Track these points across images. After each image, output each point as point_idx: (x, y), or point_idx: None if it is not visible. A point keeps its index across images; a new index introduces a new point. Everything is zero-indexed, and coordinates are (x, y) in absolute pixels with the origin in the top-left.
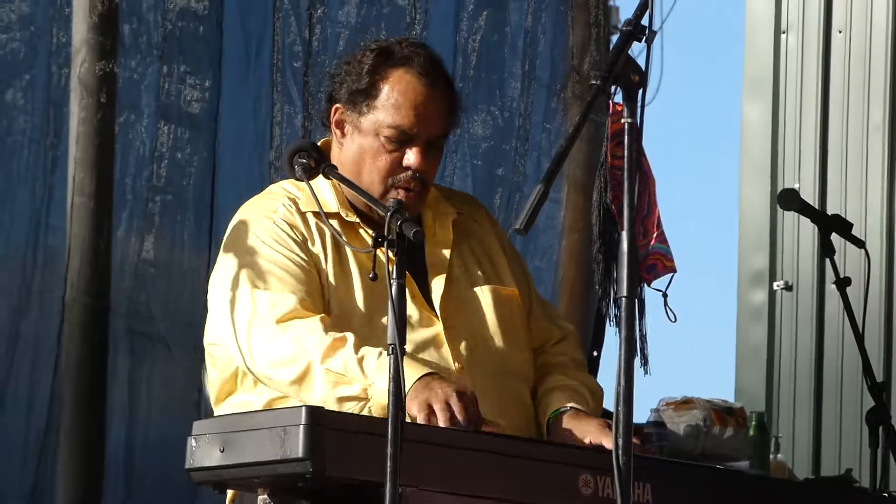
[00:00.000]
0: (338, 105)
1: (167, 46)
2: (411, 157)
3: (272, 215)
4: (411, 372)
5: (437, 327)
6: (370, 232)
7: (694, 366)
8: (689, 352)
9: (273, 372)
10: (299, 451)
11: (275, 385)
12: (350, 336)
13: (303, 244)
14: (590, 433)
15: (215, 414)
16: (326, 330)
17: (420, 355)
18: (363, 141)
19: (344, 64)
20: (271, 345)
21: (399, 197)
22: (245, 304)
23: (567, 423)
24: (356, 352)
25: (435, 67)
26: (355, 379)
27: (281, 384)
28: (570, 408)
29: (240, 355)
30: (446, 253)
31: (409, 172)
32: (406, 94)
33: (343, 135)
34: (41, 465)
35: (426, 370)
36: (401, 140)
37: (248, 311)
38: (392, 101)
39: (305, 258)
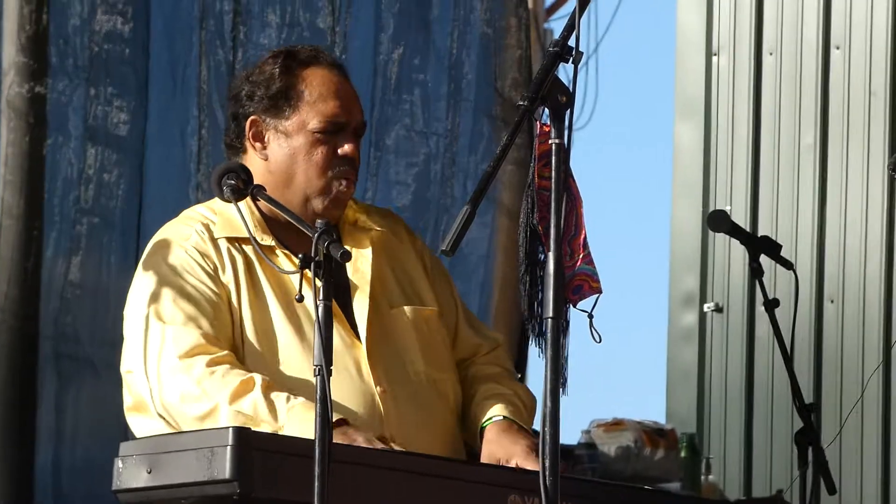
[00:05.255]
0: (253, 117)
1: (94, 69)
2: (346, 145)
3: (185, 243)
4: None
5: (360, 349)
6: (288, 254)
7: (625, 387)
8: (619, 373)
9: (179, 406)
10: (227, 472)
11: (177, 419)
12: (258, 378)
13: (213, 273)
14: (516, 455)
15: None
16: (233, 368)
17: (342, 377)
18: (292, 142)
19: (245, 81)
20: (176, 380)
21: (342, 188)
22: (151, 338)
23: (497, 435)
24: (265, 395)
25: (338, 62)
26: (265, 422)
27: (185, 419)
28: (504, 417)
29: (147, 388)
30: (367, 272)
31: (344, 161)
32: (327, 86)
33: (265, 146)
34: None
35: (338, 416)
36: (332, 131)
37: (154, 345)
38: (315, 94)
39: (215, 289)
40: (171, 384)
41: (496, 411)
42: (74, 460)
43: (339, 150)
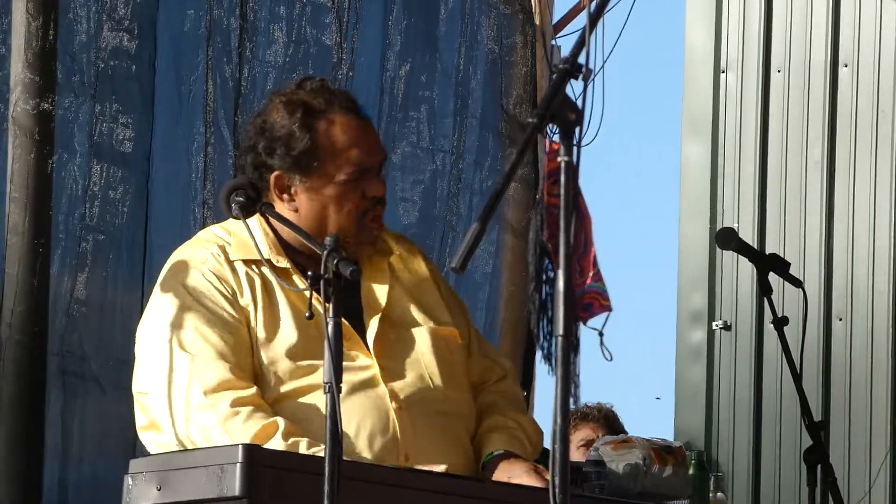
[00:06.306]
0: (277, 173)
1: (100, 85)
2: (373, 187)
3: (202, 266)
4: None
5: (373, 368)
6: (303, 277)
7: (633, 405)
8: (628, 391)
9: (198, 440)
10: (236, 490)
11: None
12: (281, 423)
13: (232, 298)
14: (515, 477)
15: (142, 440)
16: (256, 411)
17: (356, 396)
18: (320, 195)
19: (260, 133)
20: (200, 417)
21: (373, 231)
22: (175, 367)
23: (498, 467)
24: (286, 441)
25: (350, 100)
26: None
27: None
28: (505, 452)
29: (169, 419)
30: (382, 293)
31: (374, 202)
32: (348, 134)
33: (292, 198)
34: None
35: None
36: (358, 178)
37: (179, 377)
38: (339, 146)
39: (235, 314)
40: (195, 420)
41: (498, 445)
42: (80, 477)
43: (368, 193)
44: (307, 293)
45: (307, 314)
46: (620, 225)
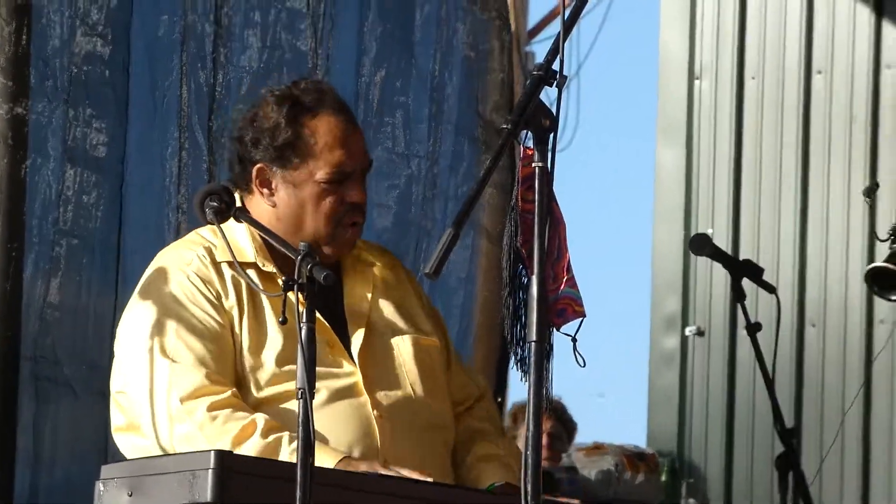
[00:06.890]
0: (260, 165)
1: (73, 90)
2: (353, 193)
3: (186, 269)
4: (327, 458)
5: (356, 376)
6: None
7: (606, 411)
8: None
9: (180, 448)
10: (208, 496)
11: None
12: (259, 420)
13: (216, 302)
14: None
15: (116, 443)
16: (235, 412)
17: (338, 403)
18: (300, 192)
19: (249, 124)
20: (178, 424)
21: (348, 235)
22: (156, 373)
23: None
24: (266, 437)
25: (341, 101)
26: None
27: None
28: (505, 483)
29: (150, 424)
30: (365, 303)
31: (352, 207)
32: (333, 135)
33: (272, 192)
34: None
35: (342, 454)
36: (339, 180)
37: (160, 382)
38: (322, 145)
39: (218, 318)
40: (175, 431)
41: (498, 477)
42: (52, 482)
43: (347, 198)
44: (289, 297)
45: (280, 319)
46: (594, 227)
